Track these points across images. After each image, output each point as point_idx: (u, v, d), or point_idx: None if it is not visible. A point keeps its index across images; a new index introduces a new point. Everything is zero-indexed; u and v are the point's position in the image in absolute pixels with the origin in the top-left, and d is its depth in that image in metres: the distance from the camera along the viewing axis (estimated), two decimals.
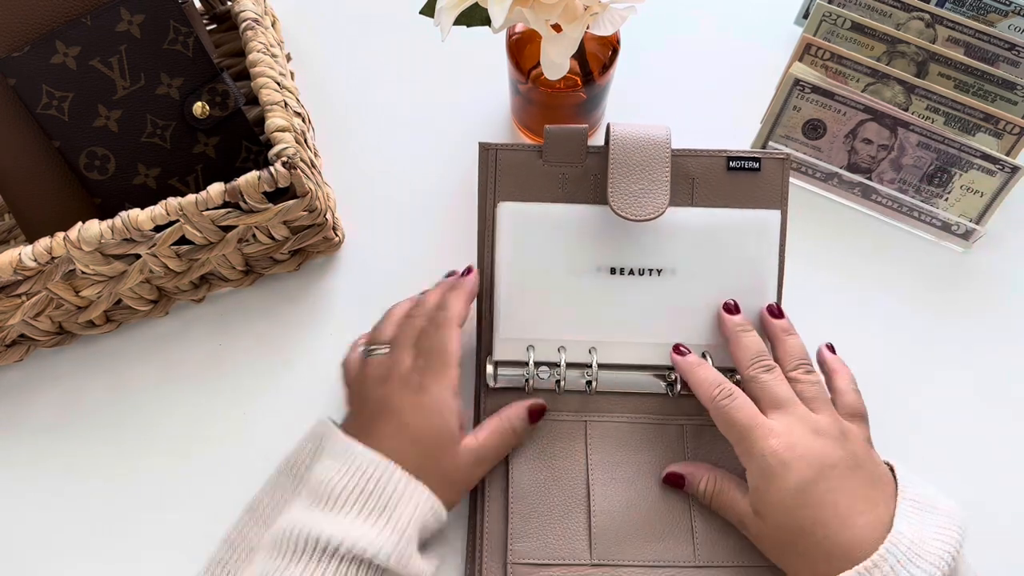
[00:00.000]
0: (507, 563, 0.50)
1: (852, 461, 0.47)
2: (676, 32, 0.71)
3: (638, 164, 0.53)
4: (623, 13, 0.48)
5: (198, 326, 0.60)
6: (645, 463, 0.53)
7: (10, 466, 0.56)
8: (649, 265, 0.55)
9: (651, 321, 0.55)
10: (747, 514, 0.48)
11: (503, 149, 0.55)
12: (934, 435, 0.56)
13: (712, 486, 0.50)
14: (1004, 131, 0.58)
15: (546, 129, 0.55)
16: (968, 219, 0.60)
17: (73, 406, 0.58)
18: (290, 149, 0.51)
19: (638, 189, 0.52)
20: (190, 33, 0.55)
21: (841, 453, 0.47)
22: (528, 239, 0.55)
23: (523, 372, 0.54)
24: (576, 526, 0.51)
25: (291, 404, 0.58)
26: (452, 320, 0.51)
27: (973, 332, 0.60)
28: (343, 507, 0.45)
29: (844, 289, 0.61)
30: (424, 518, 0.46)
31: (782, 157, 0.55)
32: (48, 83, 0.53)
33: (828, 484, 0.46)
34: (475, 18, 0.50)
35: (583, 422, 0.54)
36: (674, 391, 0.55)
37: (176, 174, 0.56)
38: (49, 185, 0.55)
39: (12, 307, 0.53)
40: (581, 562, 0.50)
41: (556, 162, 0.55)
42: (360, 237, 0.63)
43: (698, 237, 0.55)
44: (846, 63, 0.60)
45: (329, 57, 0.70)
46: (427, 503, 0.46)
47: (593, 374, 0.54)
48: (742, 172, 0.55)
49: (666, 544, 0.51)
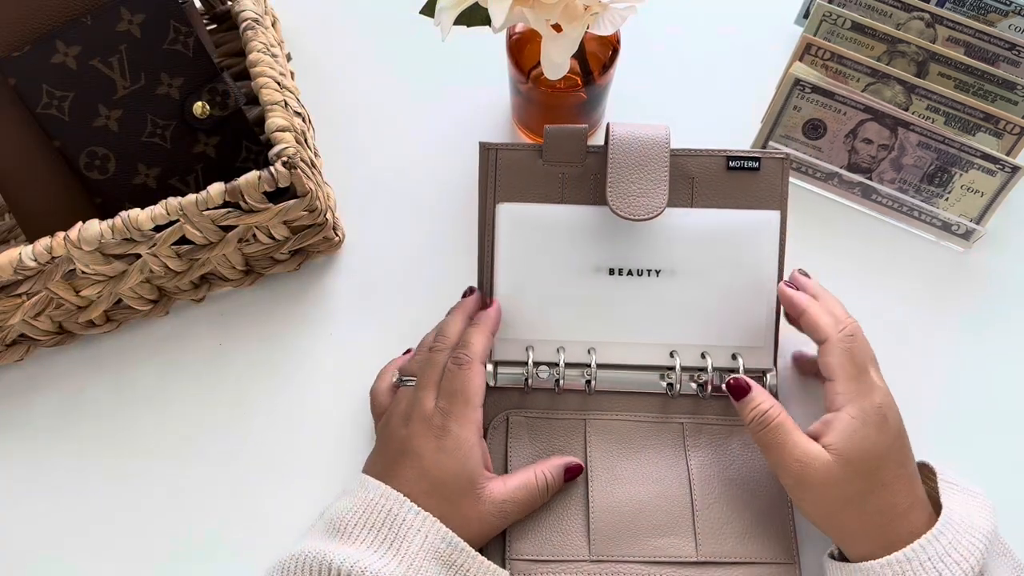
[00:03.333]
0: (506, 559, 0.50)
1: None
2: (676, 32, 0.71)
3: (637, 164, 0.53)
4: (623, 13, 0.48)
5: (198, 326, 0.60)
6: (645, 461, 0.53)
7: (10, 466, 0.56)
8: (648, 266, 0.55)
9: (650, 321, 0.55)
10: (815, 457, 0.46)
11: (503, 149, 0.55)
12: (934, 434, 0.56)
13: (776, 412, 0.48)
14: (1004, 131, 0.58)
15: (546, 129, 0.55)
16: (968, 219, 0.60)
17: (73, 406, 0.58)
18: (290, 149, 0.51)
19: (637, 189, 0.53)
20: (190, 33, 0.55)
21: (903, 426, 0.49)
22: (528, 240, 0.55)
23: (523, 371, 0.54)
24: (575, 523, 0.51)
25: (291, 404, 0.58)
26: (474, 359, 0.50)
27: (973, 332, 0.60)
28: (354, 537, 0.45)
29: (844, 289, 0.61)
30: (436, 549, 0.46)
31: (782, 157, 0.55)
32: (48, 83, 0.53)
33: (904, 451, 0.48)
34: (475, 18, 0.50)
35: (582, 420, 0.54)
36: (673, 391, 0.55)
37: (176, 174, 0.56)
38: (49, 185, 0.55)
39: (12, 307, 0.53)
40: (580, 558, 0.50)
41: (556, 162, 0.55)
42: (360, 237, 0.63)
43: (697, 237, 0.55)
44: (846, 63, 0.60)
45: (329, 57, 0.70)
46: (437, 534, 0.46)
47: (592, 374, 0.54)
48: (742, 172, 0.55)
49: (667, 540, 0.51)
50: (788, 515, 0.52)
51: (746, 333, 0.55)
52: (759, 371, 0.55)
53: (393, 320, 0.60)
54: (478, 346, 0.51)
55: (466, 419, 0.49)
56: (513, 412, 0.54)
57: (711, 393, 0.55)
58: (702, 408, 0.55)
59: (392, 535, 0.45)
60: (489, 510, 0.48)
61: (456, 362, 0.50)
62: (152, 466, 0.56)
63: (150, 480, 0.55)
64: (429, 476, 0.48)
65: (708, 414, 0.55)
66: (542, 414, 0.54)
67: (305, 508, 0.51)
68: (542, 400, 0.55)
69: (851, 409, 0.47)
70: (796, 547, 0.51)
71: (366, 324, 0.60)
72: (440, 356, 0.51)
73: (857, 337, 0.49)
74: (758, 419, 0.48)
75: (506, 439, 0.54)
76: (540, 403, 0.55)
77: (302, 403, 0.58)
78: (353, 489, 0.48)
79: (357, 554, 0.44)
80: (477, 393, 0.50)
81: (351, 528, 0.46)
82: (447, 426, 0.48)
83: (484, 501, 0.48)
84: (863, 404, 0.47)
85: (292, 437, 0.57)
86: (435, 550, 0.46)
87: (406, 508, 0.46)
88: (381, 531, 0.46)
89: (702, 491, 0.52)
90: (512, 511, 0.49)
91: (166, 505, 0.55)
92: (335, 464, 0.55)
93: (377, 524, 0.46)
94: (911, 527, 0.46)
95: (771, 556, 0.51)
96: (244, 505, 0.55)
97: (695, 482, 0.52)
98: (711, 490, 0.52)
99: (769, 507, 0.52)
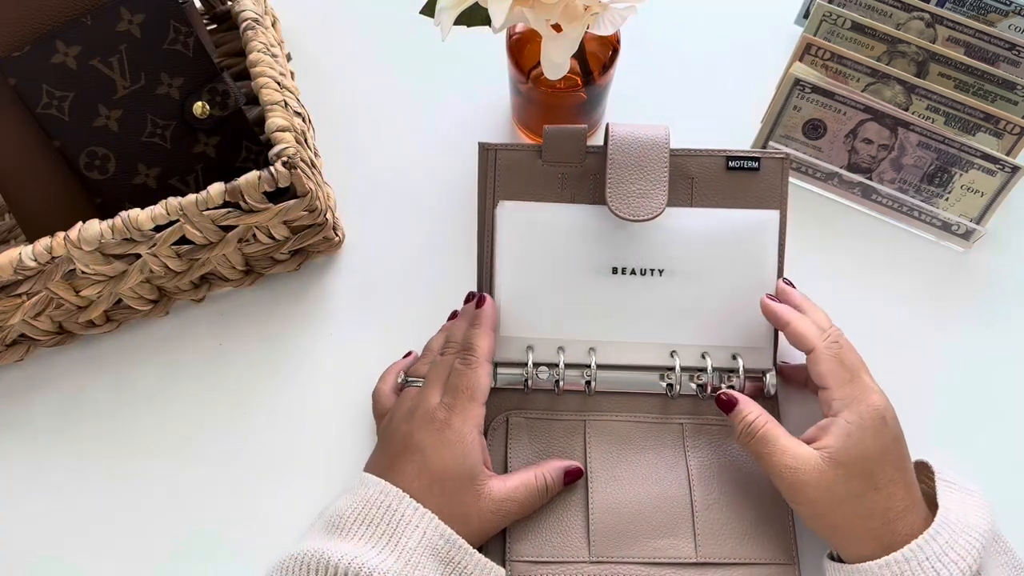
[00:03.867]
0: (506, 561, 0.50)
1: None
2: (676, 32, 0.71)
3: (636, 164, 0.53)
4: (623, 13, 0.48)
5: (198, 326, 0.60)
6: (645, 462, 0.53)
7: (10, 466, 0.56)
8: (649, 265, 0.55)
9: (651, 321, 0.55)
10: (806, 461, 0.46)
11: (502, 149, 0.55)
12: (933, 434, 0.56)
13: (763, 423, 0.49)
14: (1004, 131, 0.58)
15: (545, 129, 0.55)
16: (968, 219, 0.60)
17: (73, 406, 0.58)
18: (290, 149, 0.51)
19: (636, 190, 0.53)
20: (190, 33, 0.55)
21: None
22: (528, 239, 0.55)
23: (522, 372, 0.54)
24: (574, 524, 0.51)
25: (291, 404, 0.58)
26: (481, 359, 0.51)
27: (973, 332, 0.60)
28: (353, 533, 0.46)
29: (844, 289, 0.61)
30: (434, 545, 0.46)
31: (781, 157, 0.55)
32: (48, 83, 0.53)
33: (901, 453, 0.48)
34: (475, 18, 0.50)
35: (582, 421, 0.54)
36: (673, 391, 0.55)
37: (176, 174, 0.56)
38: (49, 185, 0.55)
39: (12, 307, 0.53)
40: (580, 559, 0.50)
41: (555, 162, 0.55)
42: (360, 237, 0.63)
43: (697, 237, 0.55)
44: (846, 63, 0.60)
45: (329, 57, 0.70)
46: (436, 530, 0.46)
47: (592, 374, 0.54)
48: (741, 172, 0.55)
49: (666, 541, 0.51)
50: (788, 516, 0.52)
51: (746, 333, 0.55)
52: (759, 371, 0.55)
53: (393, 320, 0.60)
54: (483, 347, 0.51)
55: (469, 414, 0.49)
56: (513, 413, 0.54)
57: (710, 394, 0.55)
58: (702, 408, 0.55)
59: (391, 531, 0.46)
60: (488, 507, 0.48)
61: (464, 362, 0.51)
62: (152, 466, 0.56)
63: (150, 480, 0.55)
64: (430, 470, 0.48)
65: (708, 414, 0.55)
66: (542, 415, 0.54)
67: (305, 508, 0.51)
68: (542, 401, 0.55)
69: (848, 414, 0.47)
70: (796, 548, 0.51)
71: (366, 324, 0.60)
72: (449, 358, 0.52)
73: (842, 343, 0.50)
74: (746, 431, 0.49)
75: (506, 440, 0.53)
76: (540, 404, 0.55)
77: (302, 403, 0.58)
78: (353, 487, 0.49)
79: (355, 550, 0.44)
80: (482, 391, 0.50)
81: (350, 525, 0.46)
82: (450, 420, 0.49)
83: (484, 498, 0.48)
84: (860, 408, 0.47)
85: (292, 437, 0.57)
86: (433, 546, 0.46)
87: (405, 504, 0.46)
88: (380, 527, 0.46)
89: (702, 492, 0.52)
90: (511, 511, 0.49)
91: (166, 505, 0.55)
92: (335, 464, 0.55)
93: (376, 520, 0.46)
94: (908, 528, 0.45)
95: (770, 557, 0.51)
96: (244, 505, 0.55)
97: (695, 483, 0.52)
98: (711, 491, 0.52)
99: (769, 507, 0.52)
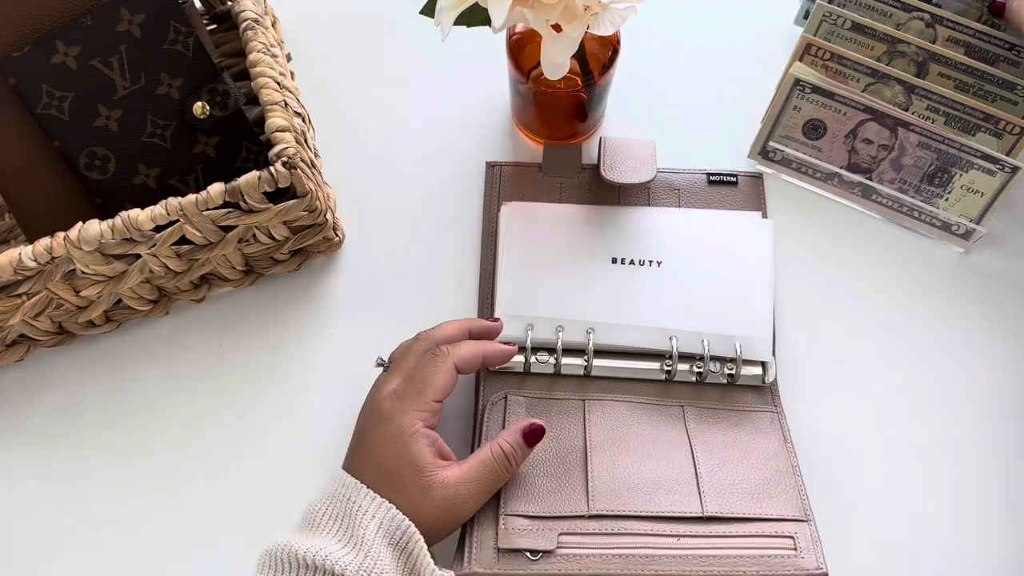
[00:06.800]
0: (499, 516, 0.49)
1: None
2: (676, 32, 0.71)
3: (627, 155, 0.60)
4: (623, 13, 0.48)
5: (198, 326, 0.60)
6: (645, 436, 0.53)
7: (10, 466, 0.56)
8: (647, 257, 0.58)
9: (649, 307, 0.57)
10: None
11: (507, 166, 0.63)
12: (934, 434, 0.56)
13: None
14: (1004, 131, 0.58)
15: (544, 147, 0.63)
16: (968, 219, 0.60)
17: (73, 406, 0.58)
18: (290, 149, 0.51)
19: (628, 165, 0.60)
20: (190, 33, 0.55)
21: None
22: (531, 227, 0.59)
23: (521, 357, 0.55)
24: (573, 484, 0.50)
25: (291, 404, 0.58)
26: (450, 358, 0.49)
27: (973, 332, 0.60)
28: (322, 528, 0.46)
29: (844, 289, 0.61)
30: (390, 533, 0.45)
31: (756, 175, 0.63)
32: (48, 83, 0.53)
33: None
34: (475, 18, 0.50)
35: (581, 401, 0.54)
36: (671, 375, 0.55)
37: (176, 174, 0.56)
38: (49, 185, 0.55)
39: (12, 307, 0.53)
40: (578, 513, 0.48)
41: (554, 176, 0.63)
42: (360, 237, 0.63)
43: (694, 230, 0.59)
44: (846, 63, 0.60)
45: (329, 57, 0.70)
46: (392, 521, 0.45)
47: (589, 357, 0.55)
48: (722, 185, 0.63)
49: (672, 497, 0.49)
50: (799, 484, 0.51)
51: (745, 324, 0.56)
52: (758, 362, 0.55)
53: (393, 320, 0.59)
54: (463, 352, 0.50)
55: (412, 406, 0.48)
56: (512, 391, 0.54)
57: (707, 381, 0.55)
58: (701, 394, 0.55)
59: (353, 523, 0.45)
60: (441, 496, 0.47)
61: (432, 353, 0.50)
62: (152, 466, 0.56)
63: (150, 480, 0.55)
64: (375, 463, 0.48)
65: (707, 400, 0.55)
66: (541, 395, 0.54)
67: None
68: (541, 383, 0.55)
69: None
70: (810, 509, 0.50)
71: (366, 324, 0.60)
72: (418, 346, 0.51)
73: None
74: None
75: (504, 418, 0.53)
76: (539, 385, 0.55)
77: (302, 403, 0.58)
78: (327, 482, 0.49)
79: (321, 543, 0.44)
80: (436, 387, 0.49)
81: (319, 519, 0.46)
82: (392, 413, 0.48)
83: (435, 488, 0.47)
84: None
85: (292, 437, 0.57)
86: (389, 535, 0.45)
87: (362, 495, 0.46)
88: (343, 520, 0.46)
89: (706, 459, 0.51)
90: (471, 492, 0.47)
91: (166, 505, 0.55)
92: (335, 464, 0.54)
93: (340, 513, 0.46)
94: None
95: (783, 513, 0.49)
96: (244, 505, 0.55)
97: (698, 454, 0.51)
98: (714, 459, 0.51)
99: (777, 477, 0.51)
